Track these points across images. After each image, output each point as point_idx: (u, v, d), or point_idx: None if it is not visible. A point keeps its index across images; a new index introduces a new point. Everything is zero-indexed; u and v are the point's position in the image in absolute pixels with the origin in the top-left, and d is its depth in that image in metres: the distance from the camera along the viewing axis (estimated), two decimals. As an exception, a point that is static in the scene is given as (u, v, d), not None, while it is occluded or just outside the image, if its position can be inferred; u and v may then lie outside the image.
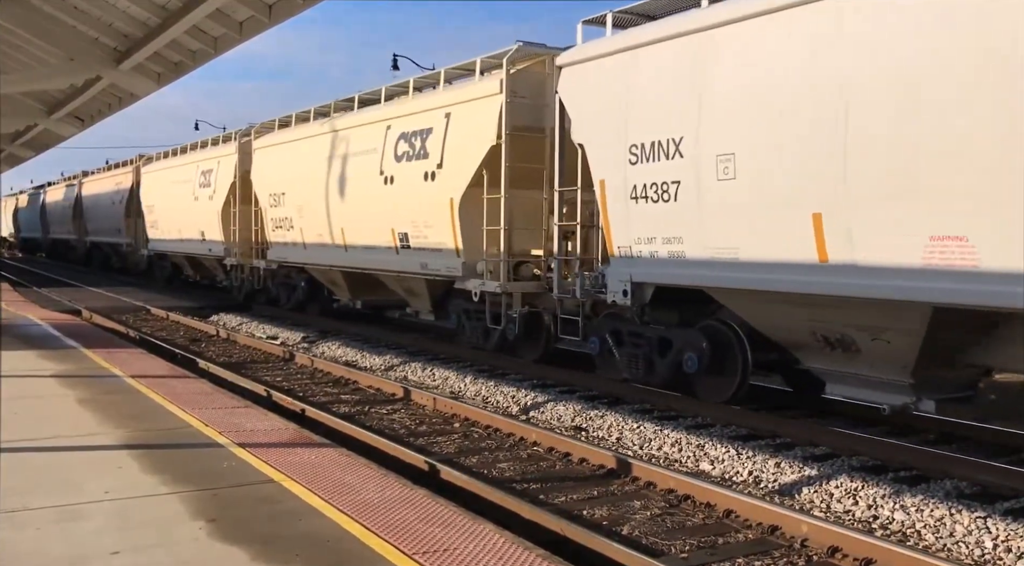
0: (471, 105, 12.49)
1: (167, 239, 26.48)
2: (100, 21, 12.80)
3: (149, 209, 27.69)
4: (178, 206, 24.71)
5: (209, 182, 22.43)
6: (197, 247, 23.79)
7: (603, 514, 6.48)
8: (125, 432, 7.36)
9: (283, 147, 18.42)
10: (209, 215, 22.25)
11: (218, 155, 22.27)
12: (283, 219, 18.24)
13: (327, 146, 16.21)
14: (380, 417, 9.98)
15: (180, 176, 24.74)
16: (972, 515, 6.08)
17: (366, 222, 14.92)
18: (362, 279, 16.18)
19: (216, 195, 21.89)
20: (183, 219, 24.34)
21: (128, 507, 5.38)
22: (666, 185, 8.95)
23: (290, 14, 10.63)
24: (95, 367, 10.91)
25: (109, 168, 35.09)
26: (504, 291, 11.97)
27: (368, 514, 5.27)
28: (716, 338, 9.39)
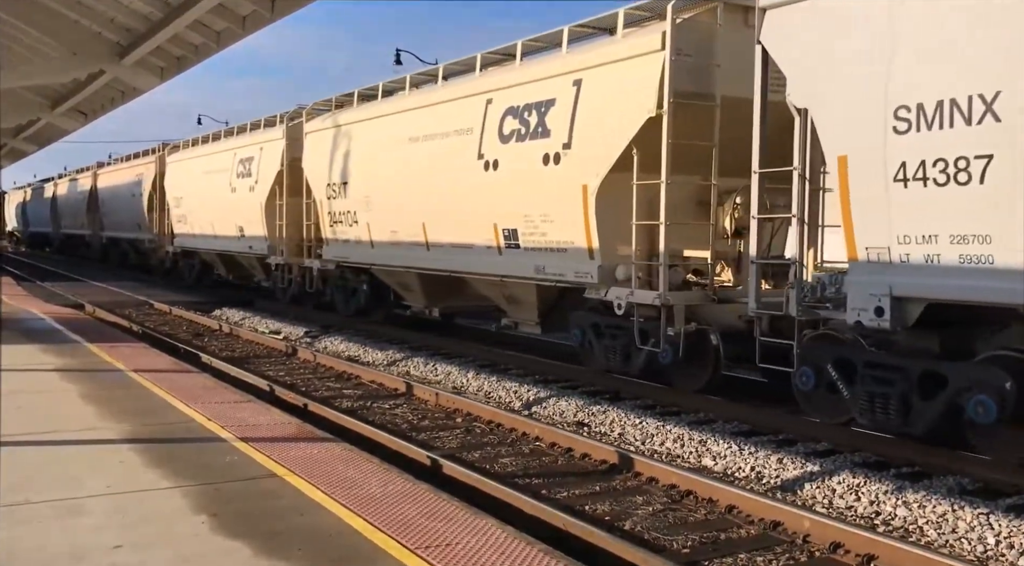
0: (615, 67, 9.91)
1: (197, 235, 24.07)
2: (103, 15, 12.81)
3: (176, 202, 25.23)
4: (211, 198, 22.29)
5: (250, 171, 20.03)
6: (234, 244, 21.44)
7: (605, 509, 6.48)
8: (127, 426, 7.37)
9: (345, 130, 15.89)
10: (250, 208, 19.84)
11: (260, 141, 19.77)
12: (344, 213, 15.86)
13: (403, 127, 13.88)
14: (382, 412, 9.98)
15: (214, 165, 22.19)
16: (974, 511, 6.07)
17: (457, 216, 12.64)
18: (443, 283, 13.86)
19: (259, 186, 19.51)
20: (217, 213, 21.95)
21: (129, 502, 5.39)
22: (965, 162, 6.46)
23: (292, 9, 10.63)
24: (97, 361, 10.92)
25: (128, 158, 32.23)
26: (664, 303, 9.44)
27: (370, 508, 5.27)
28: None
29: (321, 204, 16.73)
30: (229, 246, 21.83)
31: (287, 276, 19.23)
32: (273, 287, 20.31)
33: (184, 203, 24.68)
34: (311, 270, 17.88)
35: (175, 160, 25.93)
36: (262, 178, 19.30)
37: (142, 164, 29.49)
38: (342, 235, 16.12)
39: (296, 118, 18.38)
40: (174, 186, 25.57)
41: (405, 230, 13.99)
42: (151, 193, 27.78)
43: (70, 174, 42.57)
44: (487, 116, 11.78)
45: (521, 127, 11.17)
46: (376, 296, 16.51)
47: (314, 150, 16.97)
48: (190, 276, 26.56)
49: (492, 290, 12.77)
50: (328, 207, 16.39)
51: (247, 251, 20.82)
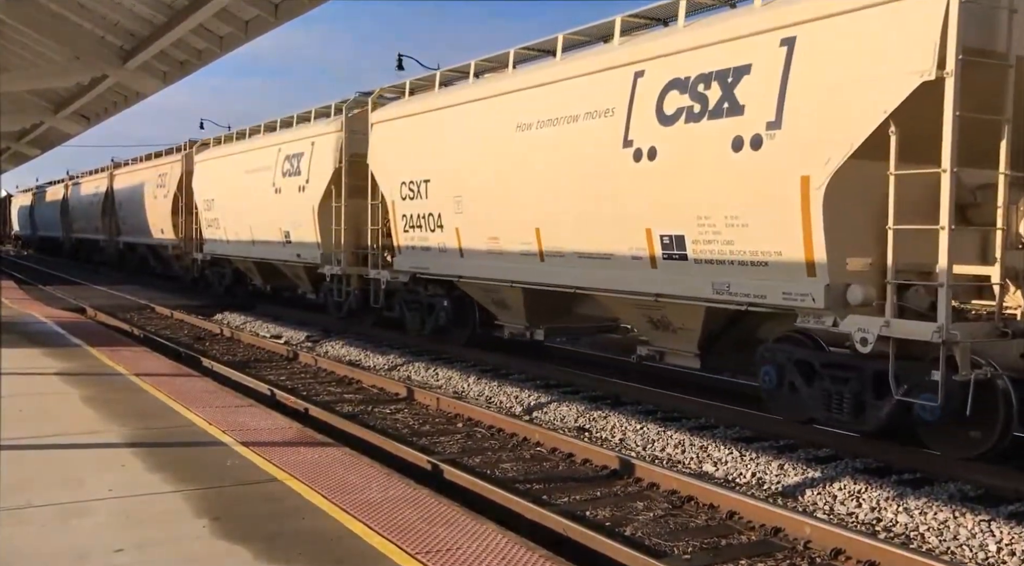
0: (858, 17, 7.33)
1: (232, 240, 21.26)
2: (106, 20, 12.84)
3: (206, 204, 22.57)
4: (250, 200, 19.68)
5: (298, 169, 17.43)
6: (277, 251, 18.71)
7: (606, 515, 6.48)
8: (129, 430, 7.37)
9: (426, 118, 13.45)
10: (298, 211, 17.29)
11: (312, 134, 17.19)
12: (424, 216, 13.35)
13: (508, 112, 11.38)
14: (383, 417, 9.99)
15: (253, 163, 19.63)
16: (976, 518, 6.06)
17: (589, 220, 10.06)
18: (554, 300, 11.61)
19: (310, 186, 16.90)
20: (257, 216, 19.34)
21: (131, 505, 5.40)
22: None
23: (296, 13, 10.65)
24: (99, 365, 10.94)
25: (148, 157, 29.95)
26: (947, 340, 6.79)
27: (371, 513, 5.27)
28: None
29: (393, 206, 14.15)
30: (271, 253, 19.10)
31: (344, 288, 16.62)
32: (324, 301, 17.84)
33: (216, 205, 22.00)
34: (374, 283, 15.22)
35: (205, 158, 23.31)
36: (315, 176, 16.72)
37: (166, 163, 27.10)
38: (420, 242, 13.57)
39: (358, 107, 15.90)
40: (203, 187, 22.92)
41: (509, 237, 11.48)
42: (176, 195, 25.42)
43: (82, 175, 40.54)
44: (637, 92, 9.28)
45: (695, 104, 8.64)
46: (459, 314, 13.80)
47: (383, 143, 14.54)
48: (220, 285, 23.93)
49: (632, 312, 10.44)
50: (401, 209, 13.90)
51: (293, 260, 18.17)
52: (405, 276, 14.25)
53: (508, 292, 12.28)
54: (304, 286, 19.18)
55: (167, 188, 26.18)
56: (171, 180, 25.93)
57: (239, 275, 22.92)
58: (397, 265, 14.38)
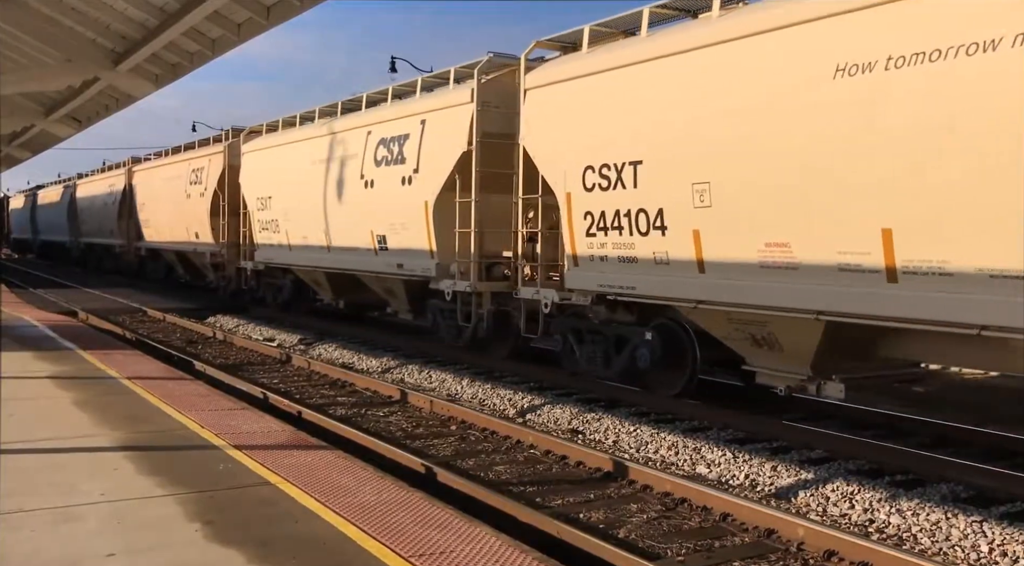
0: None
1: (296, 246, 17.50)
2: (98, 22, 12.80)
3: (260, 203, 19.00)
4: (323, 197, 16.06)
5: (400, 156, 13.68)
6: (365, 261, 14.88)
7: (599, 517, 6.48)
8: (121, 434, 7.35)
9: (634, 74, 9.46)
10: (401, 209, 13.59)
11: (421, 111, 13.41)
12: (626, 215, 9.47)
13: (818, 46, 7.46)
14: (377, 419, 9.97)
15: (329, 150, 15.92)
16: (968, 519, 6.09)
17: None
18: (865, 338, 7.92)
19: (421, 177, 13.11)
20: (336, 217, 15.70)
21: (124, 509, 5.37)
22: None
23: (288, 16, 10.63)
24: (91, 369, 10.89)
25: (176, 150, 25.99)
26: None
27: (364, 516, 5.26)
28: None
29: (569, 200, 10.23)
30: (355, 263, 15.26)
31: (473, 310, 12.60)
32: (433, 325, 14.02)
33: (274, 204, 18.35)
34: (524, 304, 11.64)
35: (257, 148, 19.45)
36: (428, 164, 12.99)
37: (202, 156, 23.01)
38: (616, 250, 9.69)
39: (495, 70, 12.27)
40: (256, 182, 19.29)
41: (816, 244, 7.67)
42: (216, 192, 21.43)
43: (94, 172, 36.99)
44: None
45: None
46: (670, 352, 9.98)
47: (549, 115, 10.71)
48: (274, 300, 20.14)
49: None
50: (584, 204, 10.02)
51: (390, 271, 14.26)
52: (584, 297, 10.36)
53: (786, 326, 8.18)
54: (398, 305, 15.24)
55: (204, 185, 22.30)
56: (209, 175, 22.11)
57: (300, 288, 19.07)
58: (571, 282, 10.51)
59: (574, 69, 10.48)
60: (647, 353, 10.07)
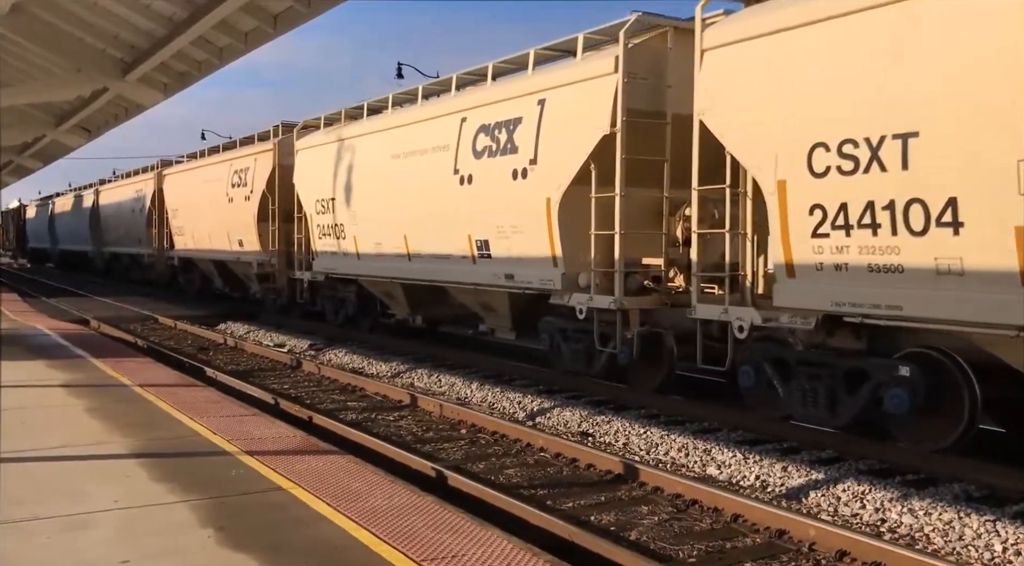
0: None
1: (366, 255, 15.42)
2: (106, 32, 12.91)
3: (320, 206, 16.78)
4: (403, 197, 13.96)
5: (510, 144, 11.35)
6: (460, 270, 12.68)
7: (610, 519, 6.48)
8: (133, 441, 7.39)
9: (869, 17, 7.15)
10: (514, 208, 11.36)
11: (537, 89, 11.16)
12: (892, 207, 7.02)
13: None
14: (387, 424, 9.99)
15: (410, 142, 13.81)
16: (981, 518, 6.06)
17: None
18: None
19: (541, 169, 10.85)
20: (422, 220, 13.50)
21: (136, 516, 5.41)
22: None
23: (295, 24, 10.70)
24: (103, 376, 10.96)
25: (214, 150, 24.08)
26: None
27: (376, 521, 5.28)
28: None
29: (782, 189, 7.88)
30: (446, 273, 13.06)
31: (618, 332, 10.12)
32: (550, 346, 11.70)
33: (337, 208, 16.11)
34: (700, 326, 9.08)
35: (313, 144, 17.19)
36: (550, 152, 10.72)
37: (248, 154, 20.83)
38: (838, 255, 7.49)
39: (647, 31, 10.06)
40: (313, 184, 17.03)
41: None
42: (265, 195, 19.45)
43: (118, 177, 34.82)
44: None
45: None
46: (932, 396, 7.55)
47: (753, 76, 8.21)
48: (336, 315, 17.97)
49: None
50: (810, 195, 7.62)
51: (495, 283, 11.99)
52: (803, 319, 7.90)
53: None
54: (496, 322, 12.91)
55: (250, 187, 20.23)
56: (256, 176, 20.01)
57: (367, 301, 16.97)
58: (784, 297, 7.99)
59: (792, 16, 7.80)
60: (905, 396, 7.39)
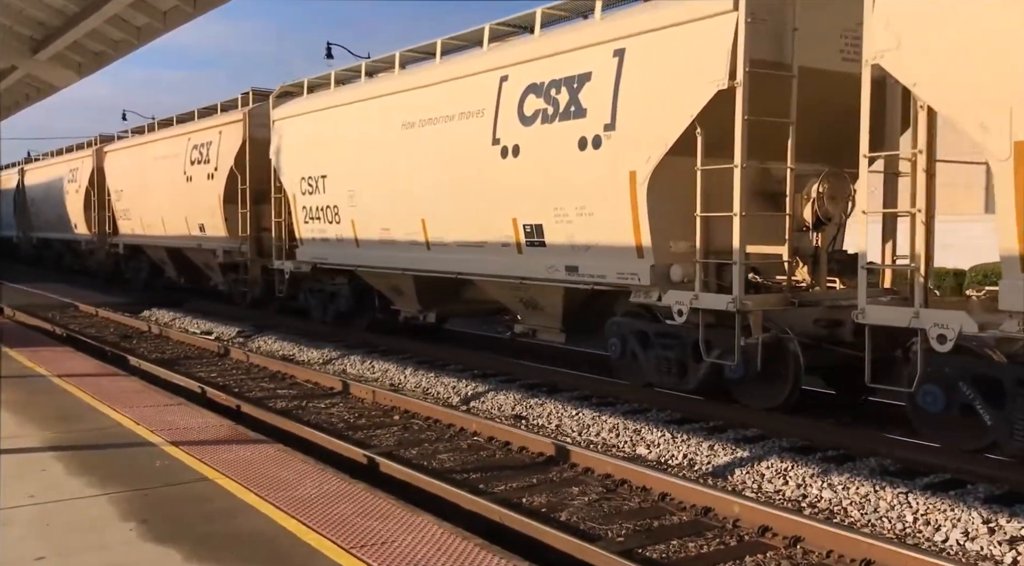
0: None
1: (363, 240, 13.22)
2: (10, 7, 12.33)
3: (308, 185, 14.25)
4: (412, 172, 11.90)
5: (575, 107, 9.20)
6: (493, 261, 10.69)
7: (542, 501, 6.55)
8: (50, 433, 7.15)
9: None
10: (580, 185, 9.28)
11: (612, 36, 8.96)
12: None
13: None
14: (318, 412, 9.88)
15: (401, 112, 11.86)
16: (894, 491, 6.31)
17: None
18: None
19: (623, 138, 8.73)
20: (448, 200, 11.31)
21: (53, 511, 5.24)
22: None
23: (215, 4, 10.40)
24: (18, 367, 10.55)
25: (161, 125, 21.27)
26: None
27: (305, 509, 5.23)
28: None
29: None
30: (482, 264, 10.91)
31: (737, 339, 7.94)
32: (620, 355, 9.59)
33: (331, 186, 13.71)
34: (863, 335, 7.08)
35: (298, 112, 14.69)
36: (636, 118, 8.66)
37: (211, 127, 17.78)
38: None
39: None
40: (299, 158, 14.68)
41: None
42: (232, 172, 16.73)
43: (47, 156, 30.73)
44: None
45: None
46: None
47: None
48: (326, 312, 15.49)
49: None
50: None
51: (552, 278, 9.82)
52: None
53: None
54: (542, 322, 10.77)
55: (214, 164, 17.50)
56: (221, 152, 17.25)
57: (364, 296, 14.57)
58: (1017, 299, 6.01)
59: None
60: None
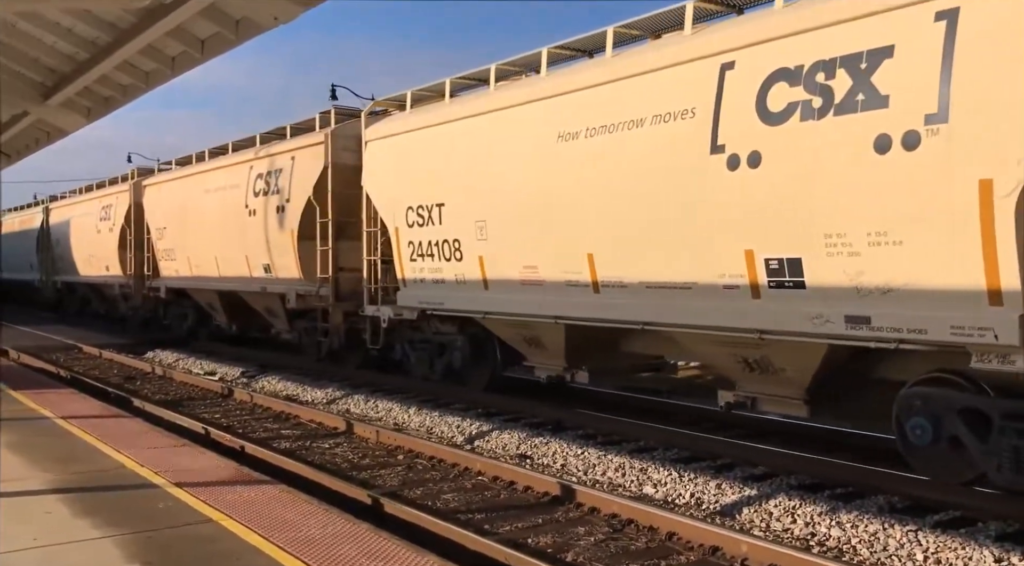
0: None
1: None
2: (25, 56, 12.52)
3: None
4: None
5: (866, 92, 6.54)
6: (724, 309, 7.86)
7: (547, 541, 6.49)
8: (54, 476, 7.12)
9: None
10: (903, 206, 6.43)
11: None
12: None
13: None
14: (322, 452, 9.84)
15: (609, 109, 8.93)
16: (904, 529, 6.25)
17: None
18: None
19: (974, 138, 5.93)
20: (647, 224, 8.57)
21: (57, 554, 5.21)
22: None
23: (222, 50, 10.54)
24: (22, 409, 10.54)
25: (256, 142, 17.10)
26: None
27: (309, 551, 5.19)
28: None
29: None
30: (673, 310, 8.44)
31: None
32: (933, 439, 6.79)
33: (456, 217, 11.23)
34: None
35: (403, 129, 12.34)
36: (990, 108, 5.94)
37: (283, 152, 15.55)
38: None
39: None
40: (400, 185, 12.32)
41: None
42: (311, 204, 14.42)
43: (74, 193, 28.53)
44: None
45: None
46: None
47: None
48: (433, 368, 12.92)
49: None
50: None
51: (809, 332, 7.23)
52: None
53: None
54: (769, 388, 8.15)
55: (285, 195, 15.17)
56: (295, 180, 14.94)
57: (481, 347, 12.18)
58: None
59: None
60: None
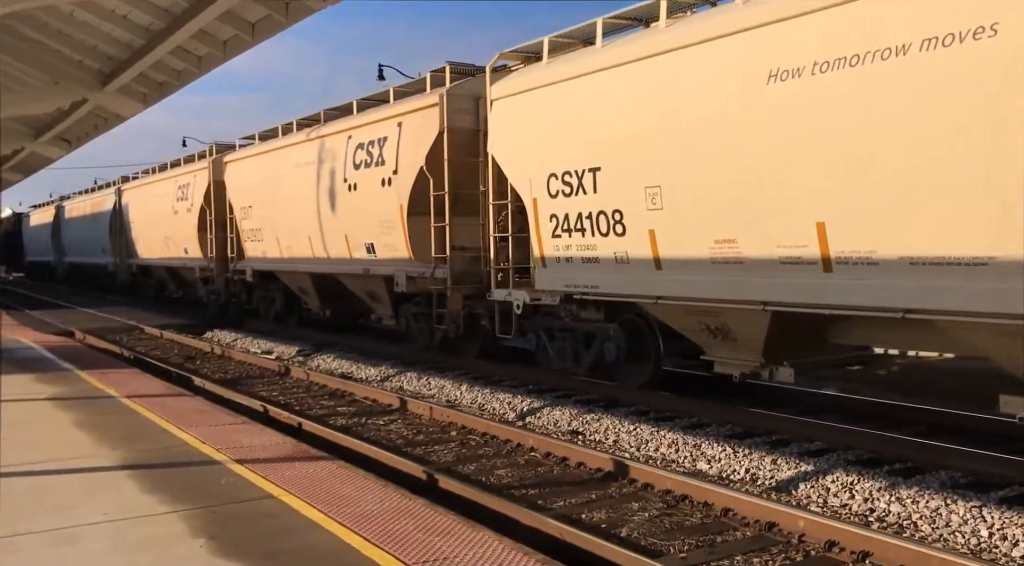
0: None
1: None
2: (84, 44, 12.84)
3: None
4: None
5: None
6: None
7: (601, 517, 6.51)
8: (122, 452, 7.36)
9: None
10: None
11: None
12: None
13: None
14: (377, 428, 9.99)
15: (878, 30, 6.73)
16: (967, 505, 6.12)
17: None
18: None
19: None
20: None
21: (126, 528, 5.39)
22: None
23: (273, 32, 10.68)
24: (90, 388, 10.90)
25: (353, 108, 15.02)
26: None
27: (367, 525, 5.29)
28: None
29: None
30: None
31: None
32: None
33: (616, 184, 9.48)
34: None
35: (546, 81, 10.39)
36: None
37: (384, 118, 13.38)
38: None
39: None
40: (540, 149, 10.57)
41: None
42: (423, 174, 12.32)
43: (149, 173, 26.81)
44: None
45: None
46: None
47: None
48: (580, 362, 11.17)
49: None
50: None
51: None
52: None
53: None
54: None
55: (392, 165, 13.14)
56: (402, 150, 12.88)
57: (639, 338, 10.50)
58: None
59: None
60: None
